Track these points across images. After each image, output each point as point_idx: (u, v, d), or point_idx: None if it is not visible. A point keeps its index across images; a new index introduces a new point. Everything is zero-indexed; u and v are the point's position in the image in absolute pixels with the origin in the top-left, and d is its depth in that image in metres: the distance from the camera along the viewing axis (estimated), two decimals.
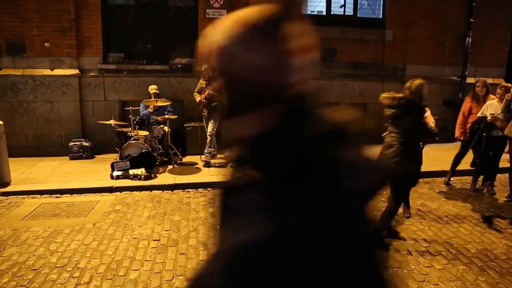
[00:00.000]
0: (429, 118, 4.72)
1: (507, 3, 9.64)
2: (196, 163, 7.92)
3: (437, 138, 4.80)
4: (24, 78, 8.37)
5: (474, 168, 6.66)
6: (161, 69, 8.86)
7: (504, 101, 5.80)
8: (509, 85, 5.97)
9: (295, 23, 0.93)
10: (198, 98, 7.93)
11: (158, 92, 8.20)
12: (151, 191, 6.60)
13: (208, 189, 6.70)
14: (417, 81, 4.49)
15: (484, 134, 6.17)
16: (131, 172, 6.93)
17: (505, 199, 6.17)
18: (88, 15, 8.47)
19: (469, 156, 6.70)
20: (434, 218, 5.48)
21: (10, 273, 3.98)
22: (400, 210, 5.14)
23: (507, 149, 6.26)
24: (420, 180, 7.19)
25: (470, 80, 9.58)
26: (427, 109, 4.66)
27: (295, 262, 0.80)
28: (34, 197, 6.33)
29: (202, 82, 8.03)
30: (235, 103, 0.96)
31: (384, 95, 4.77)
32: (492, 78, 9.56)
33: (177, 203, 6.06)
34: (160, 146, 7.87)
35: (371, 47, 9.51)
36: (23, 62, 8.40)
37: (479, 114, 6.28)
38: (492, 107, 6.12)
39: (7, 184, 6.62)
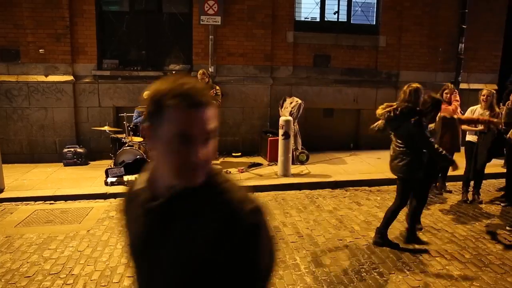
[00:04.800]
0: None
1: (499, 10, 9.73)
2: None
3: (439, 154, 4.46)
4: (19, 85, 8.34)
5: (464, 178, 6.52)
6: (156, 75, 8.84)
7: (505, 108, 5.86)
8: (493, 91, 6.09)
9: None
10: None
11: None
12: None
13: None
14: (413, 85, 4.46)
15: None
16: (125, 178, 6.90)
17: (502, 204, 6.18)
18: (83, 21, 8.47)
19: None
20: (429, 224, 5.49)
21: (3, 280, 3.95)
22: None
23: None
24: None
25: (463, 86, 9.66)
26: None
27: None
28: (28, 203, 6.30)
29: None
30: None
31: (379, 110, 4.66)
32: (484, 83, 9.64)
33: None
34: None
35: (364, 53, 9.57)
36: (18, 68, 8.38)
37: None
38: (476, 113, 6.15)
39: (0, 190, 6.58)
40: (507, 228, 5.33)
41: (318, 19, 9.60)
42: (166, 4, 8.93)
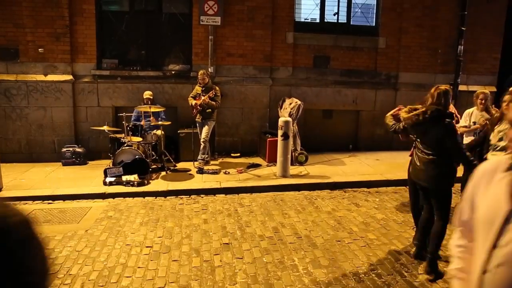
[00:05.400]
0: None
1: (498, 12, 9.75)
2: (190, 170, 7.90)
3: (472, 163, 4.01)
4: (17, 84, 8.33)
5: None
6: (155, 75, 8.86)
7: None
8: (488, 92, 6.07)
9: None
10: (193, 102, 7.94)
11: (151, 98, 8.20)
12: (144, 197, 6.58)
13: (201, 195, 6.69)
14: (442, 87, 4.12)
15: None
16: (124, 178, 6.90)
17: None
18: (82, 21, 8.46)
19: None
20: None
21: None
22: None
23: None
24: None
25: (462, 87, 9.67)
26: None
27: None
28: (26, 203, 6.28)
29: (198, 88, 8.04)
30: None
31: (403, 113, 4.27)
32: (483, 85, 9.66)
33: (170, 209, 6.05)
34: (153, 153, 7.85)
35: (364, 54, 9.57)
36: (17, 67, 8.37)
37: (461, 124, 6.20)
38: (474, 116, 6.12)
39: None
40: None
41: (318, 20, 9.60)
42: (166, 4, 8.93)
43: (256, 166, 8.20)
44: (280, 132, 7.42)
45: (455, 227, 1.70)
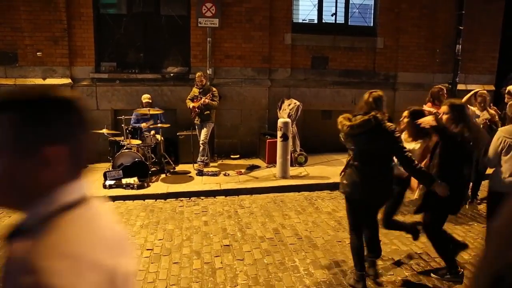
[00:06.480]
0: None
1: (495, 11, 9.77)
2: (189, 172, 7.90)
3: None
4: (16, 88, 8.31)
5: None
6: (154, 77, 8.86)
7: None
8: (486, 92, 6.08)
9: None
10: (190, 105, 7.93)
11: (150, 101, 8.19)
12: (144, 200, 6.57)
13: (201, 197, 6.69)
14: (377, 93, 3.70)
15: None
16: (123, 181, 6.90)
17: None
18: (80, 24, 8.47)
19: None
20: None
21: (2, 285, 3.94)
22: None
23: None
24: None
25: (461, 87, 9.68)
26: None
27: None
28: None
29: (195, 90, 8.03)
30: None
31: (344, 120, 3.69)
32: (482, 84, 9.68)
33: (170, 212, 6.04)
34: (153, 155, 7.84)
35: (362, 54, 9.59)
36: (15, 71, 8.37)
37: None
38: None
39: None
40: None
41: (315, 21, 9.62)
42: (164, 6, 8.94)
43: (256, 167, 8.19)
44: (279, 133, 7.42)
45: None
